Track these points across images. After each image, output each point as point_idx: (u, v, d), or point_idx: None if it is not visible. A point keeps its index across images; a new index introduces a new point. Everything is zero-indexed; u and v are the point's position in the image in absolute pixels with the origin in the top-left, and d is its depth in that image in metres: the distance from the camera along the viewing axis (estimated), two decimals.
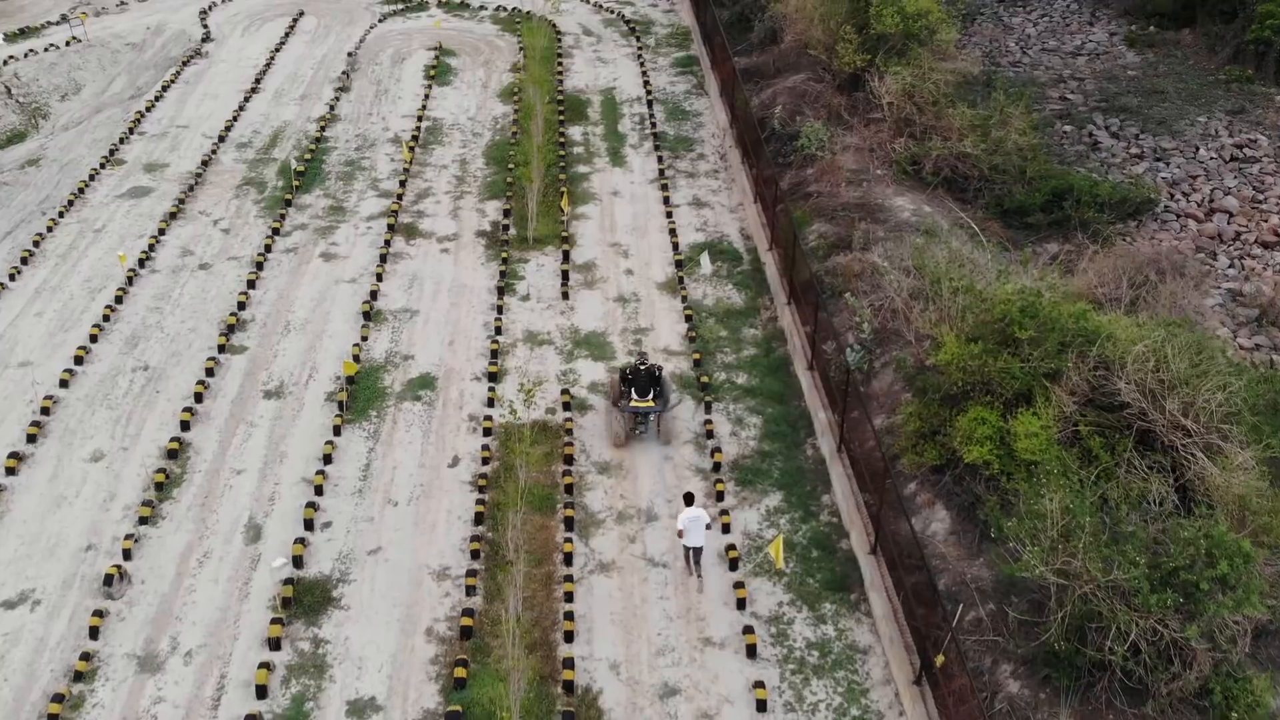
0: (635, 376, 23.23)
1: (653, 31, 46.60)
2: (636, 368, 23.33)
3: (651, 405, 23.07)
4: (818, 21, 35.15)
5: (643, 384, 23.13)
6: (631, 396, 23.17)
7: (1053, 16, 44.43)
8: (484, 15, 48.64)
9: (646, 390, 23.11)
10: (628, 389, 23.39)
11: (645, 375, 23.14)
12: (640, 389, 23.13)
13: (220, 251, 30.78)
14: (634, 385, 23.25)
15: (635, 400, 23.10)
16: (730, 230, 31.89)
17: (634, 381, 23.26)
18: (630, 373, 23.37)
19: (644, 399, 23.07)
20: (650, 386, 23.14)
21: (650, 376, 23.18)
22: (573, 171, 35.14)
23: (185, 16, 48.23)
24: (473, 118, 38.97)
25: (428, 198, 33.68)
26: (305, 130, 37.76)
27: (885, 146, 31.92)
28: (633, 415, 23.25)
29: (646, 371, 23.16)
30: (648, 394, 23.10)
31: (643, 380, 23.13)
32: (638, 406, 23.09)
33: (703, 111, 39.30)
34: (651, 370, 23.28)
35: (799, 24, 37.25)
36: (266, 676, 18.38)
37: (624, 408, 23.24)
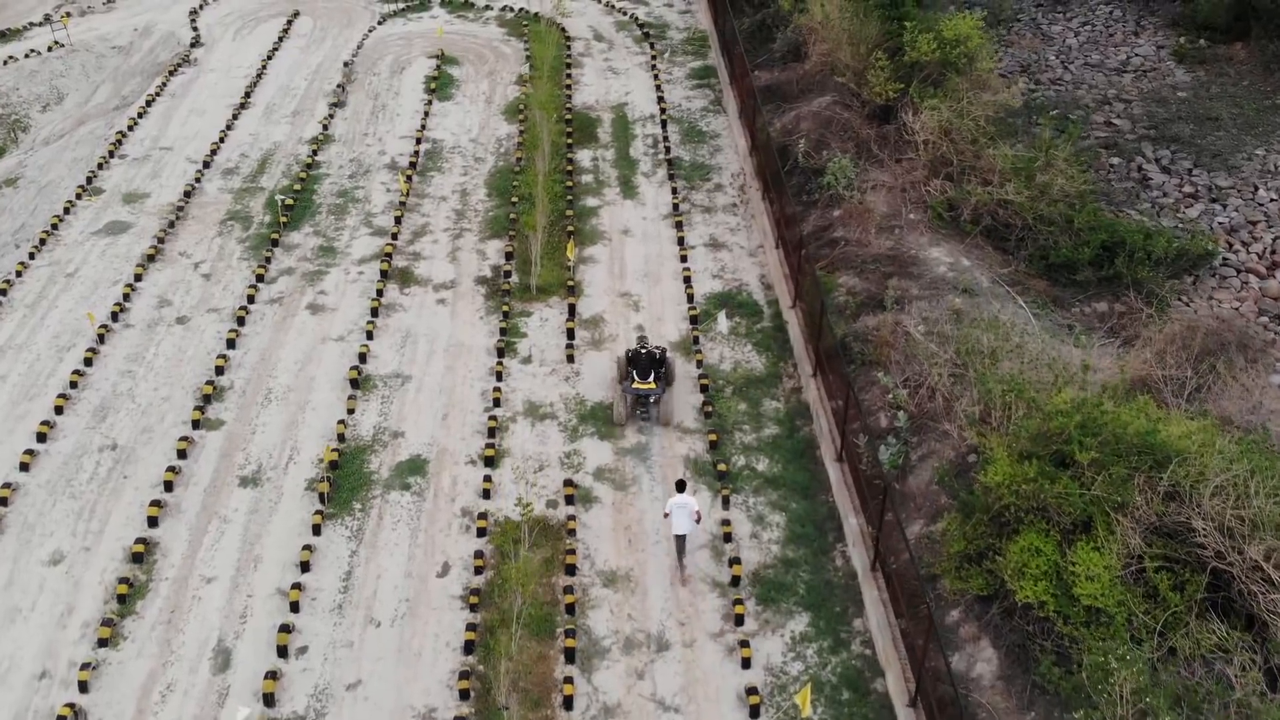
0: (638, 359, 23.97)
1: (667, 36, 43.91)
2: (639, 351, 24.09)
3: (653, 388, 23.78)
4: (846, 43, 32.45)
5: (645, 366, 23.87)
6: (634, 378, 23.80)
7: (1095, 25, 41.57)
8: (489, 17, 45.96)
9: (649, 373, 23.83)
10: (631, 370, 24.01)
11: (647, 358, 23.96)
12: (643, 371, 23.82)
13: (200, 301, 28.51)
14: (637, 367, 23.90)
15: (638, 382, 23.78)
16: (750, 278, 29.46)
17: (637, 363, 23.94)
18: (634, 355, 24.09)
19: (646, 381, 23.79)
20: (652, 369, 23.88)
21: (652, 359, 23.97)
22: (580, 205, 32.71)
23: (175, 16, 45.71)
24: (475, 139, 36.49)
25: (425, 236, 31.30)
26: (296, 154, 35.35)
27: (919, 187, 29.35)
28: (635, 396, 23.84)
29: (649, 355, 23.97)
30: (649, 376, 23.79)
31: (645, 363, 23.89)
32: (640, 389, 23.79)
33: (720, 133, 36.74)
34: (654, 354, 24.05)
35: (825, 41, 34.56)
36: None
37: (627, 389, 23.91)
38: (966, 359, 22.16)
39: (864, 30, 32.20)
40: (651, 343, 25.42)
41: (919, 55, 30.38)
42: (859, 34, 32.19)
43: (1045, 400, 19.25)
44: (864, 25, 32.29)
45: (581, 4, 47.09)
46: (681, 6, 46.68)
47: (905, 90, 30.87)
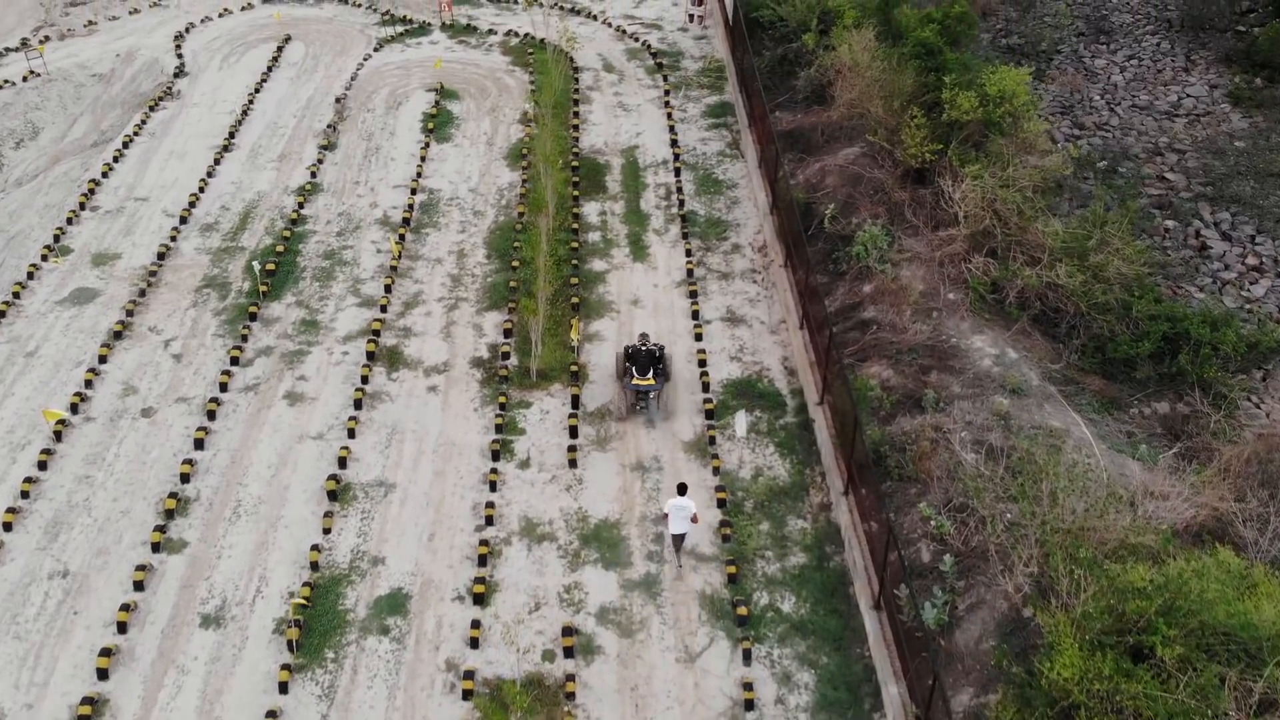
0: (637, 356, 24.65)
1: (681, 67, 41.06)
2: (639, 348, 24.74)
3: (652, 384, 24.43)
4: (877, 96, 29.60)
5: (644, 363, 24.53)
6: (633, 374, 24.48)
7: (1142, 59, 38.61)
8: (492, 43, 43.16)
9: (647, 369, 24.48)
10: (630, 366, 24.66)
11: (646, 355, 24.66)
12: (641, 367, 24.48)
13: (168, 389, 25.95)
14: (636, 364, 24.62)
15: (637, 378, 24.43)
16: (771, 361, 26.77)
17: (636, 360, 24.64)
18: (633, 351, 24.81)
19: (645, 377, 24.43)
20: (650, 365, 24.54)
21: (651, 356, 24.67)
22: (587, 269, 30.04)
23: (159, 40, 43.04)
24: (474, 188, 33.80)
25: (417, 307, 28.67)
26: (281, 206, 32.72)
27: (959, 263, 26.59)
28: (635, 392, 24.53)
29: (648, 352, 24.67)
30: (648, 372, 24.44)
31: (644, 360, 24.55)
32: (639, 384, 24.43)
33: (738, 182, 33.97)
34: (653, 351, 24.78)
35: (853, 87, 31.73)
36: None
37: (626, 385, 24.55)
38: (1019, 495, 19.47)
39: (897, 82, 29.38)
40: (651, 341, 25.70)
41: (959, 115, 27.54)
42: (892, 86, 29.35)
43: (1116, 572, 16.55)
44: (897, 76, 29.46)
45: (590, 29, 44.27)
46: (697, 32, 43.83)
47: (944, 150, 28.04)
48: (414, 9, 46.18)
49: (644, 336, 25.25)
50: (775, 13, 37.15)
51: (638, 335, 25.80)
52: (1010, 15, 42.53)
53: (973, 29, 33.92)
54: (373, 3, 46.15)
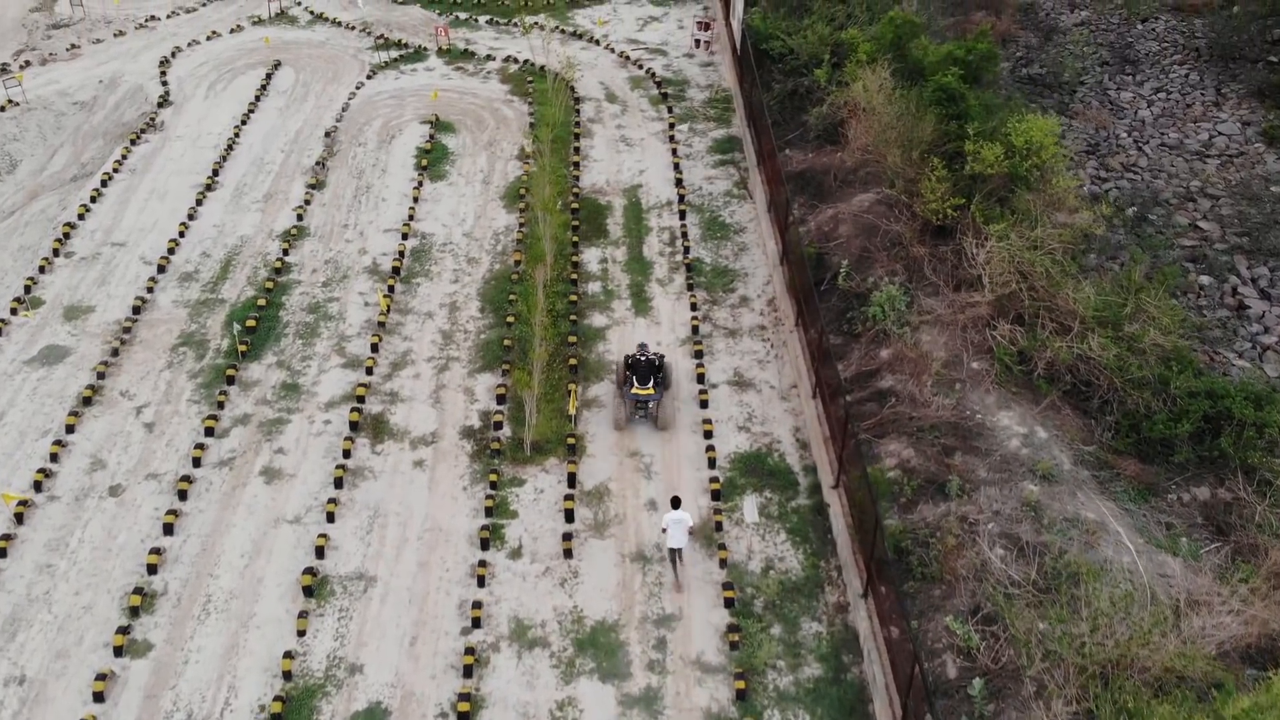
0: (637, 365, 24.81)
1: (687, 97, 39.29)
2: (639, 358, 24.85)
3: (651, 393, 24.68)
4: (894, 143, 27.82)
5: (644, 372, 24.73)
6: (633, 383, 24.69)
7: (1170, 92, 36.78)
8: (490, 70, 41.40)
9: (647, 378, 24.70)
10: (631, 375, 24.87)
11: (646, 364, 24.81)
12: (641, 377, 24.69)
13: (139, 463, 24.28)
14: (636, 373, 24.79)
15: (637, 388, 24.63)
16: (782, 432, 25.05)
17: (636, 369, 24.82)
18: (633, 361, 24.94)
19: (645, 387, 24.66)
20: (650, 374, 24.74)
21: (651, 366, 24.83)
22: (586, 324, 28.34)
23: (144, 66, 41.35)
24: (469, 233, 32.08)
25: (405, 368, 26.97)
26: (265, 252, 31.03)
27: (983, 329, 24.83)
28: (634, 401, 24.70)
29: (648, 361, 24.83)
30: (648, 382, 24.68)
31: (644, 369, 24.75)
32: (639, 394, 24.64)
33: (746, 226, 32.23)
34: (653, 361, 24.90)
35: (868, 130, 29.96)
36: None
37: (626, 394, 24.75)
38: (1055, 620, 17.74)
39: (916, 130, 27.56)
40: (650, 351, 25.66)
41: (982, 168, 25.76)
42: (910, 134, 27.54)
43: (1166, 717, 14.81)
44: (916, 123, 27.65)
45: (592, 55, 42.50)
46: (703, 58, 42.05)
47: (966, 205, 26.28)
48: (409, 32, 44.46)
49: (643, 346, 25.27)
50: (785, 45, 35.34)
51: (636, 345, 26.06)
52: (1031, 42, 40.74)
53: (994, 65, 32.12)
54: (367, 26, 44.36)
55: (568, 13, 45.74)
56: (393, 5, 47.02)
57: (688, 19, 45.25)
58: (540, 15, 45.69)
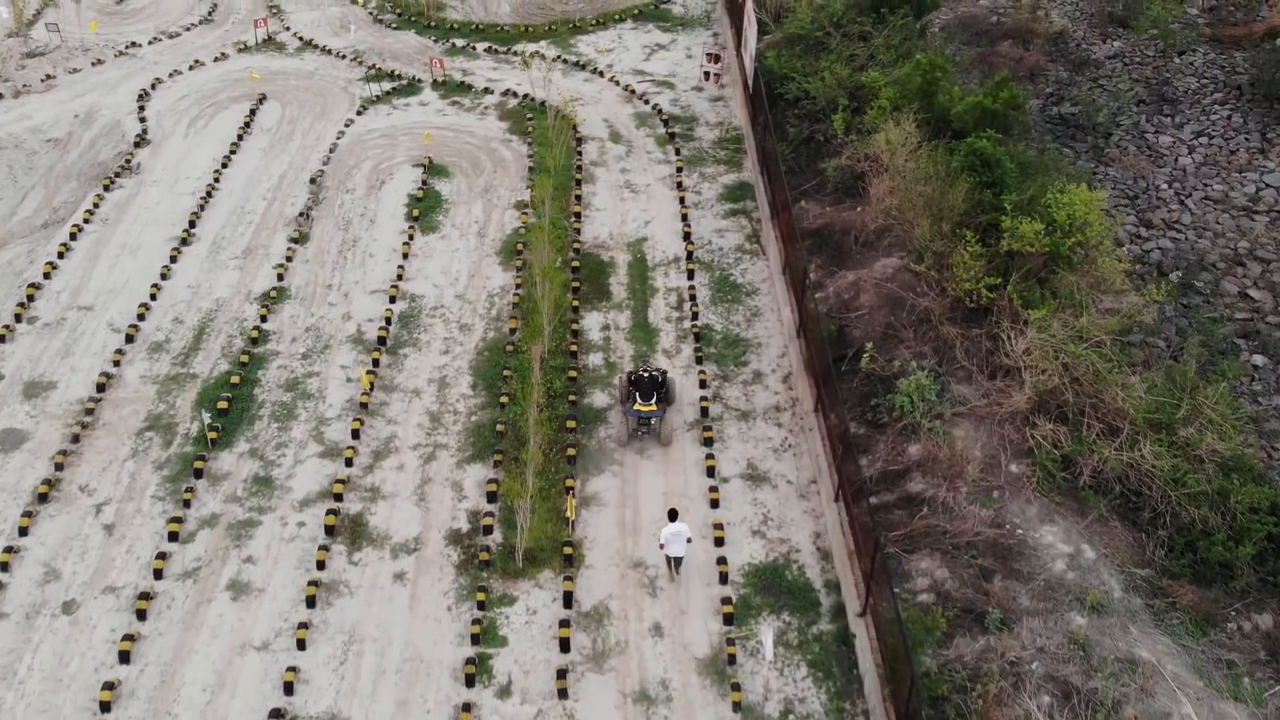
0: (640, 382, 24.83)
1: (696, 136, 36.94)
2: (641, 374, 24.91)
3: (654, 409, 24.59)
4: (922, 209, 25.49)
5: (646, 388, 24.70)
6: (636, 399, 24.58)
7: (1212, 136, 34.35)
8: (488, 105, 39.06)
9: (650, 394, 24.65)
10: (634, 391, 24.73)
11: (650, 381, 24.86)
12: (644, 393, 24.61)
13: (95, 573, 22.16)
14: (639, 389, 24.71)
15: (639, 404, 24.55)
16: (800, 538, 22.82)
17: (639, 385, 24.78)
18: (636, 377, 24.94)
19: (647, 403, 24.58)
20: (653, 391, 24.71)
21: (654, 382, 24.90)
22: (586, 403, 26.12)
23: (122, 99, 39.07)
24: (462, 294, 29.83)
25: (388, 457, 24.75)
26: (242, 318, 28.80)
27: (1021, 426, 22.53)
28: (637, 418, 24.59)
29: (650, 378, 24.90)
30: (651, 397, 24.60)
31: (646, 385, 24.76)
32: (641, 410, 24.55)
33: (759, 287, 29.94)
34: (655, 377, 24.98)
35: (892, 191, 27.63)
36: None
37: (629, 411, 24.63)
38: None
39: (947, 197, 25.21)
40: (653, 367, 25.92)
41: (1021, 245, 23.42)
42: (939, 201, 25.20)
43: None
44: (947, 190, 25.29)
45: (596, 88, 40.13)
46: (713, 92, 39.67)
47: (1003, 283, 23.96)
48: (403, 61, 42.12)
49: (646, 361, 26.15)
50: (801, 88, 32.95)
51: (641, 363, 26.61)
52: (1061, 76, 38.30)
53: (1023, 115, 29.75)
54: (358, 55, 42.00)
55: (570, 40, 43.38)
56: (386, 31, 44.69)
57: (696, 47, 42.88)
58: (541, 42, 43.29)
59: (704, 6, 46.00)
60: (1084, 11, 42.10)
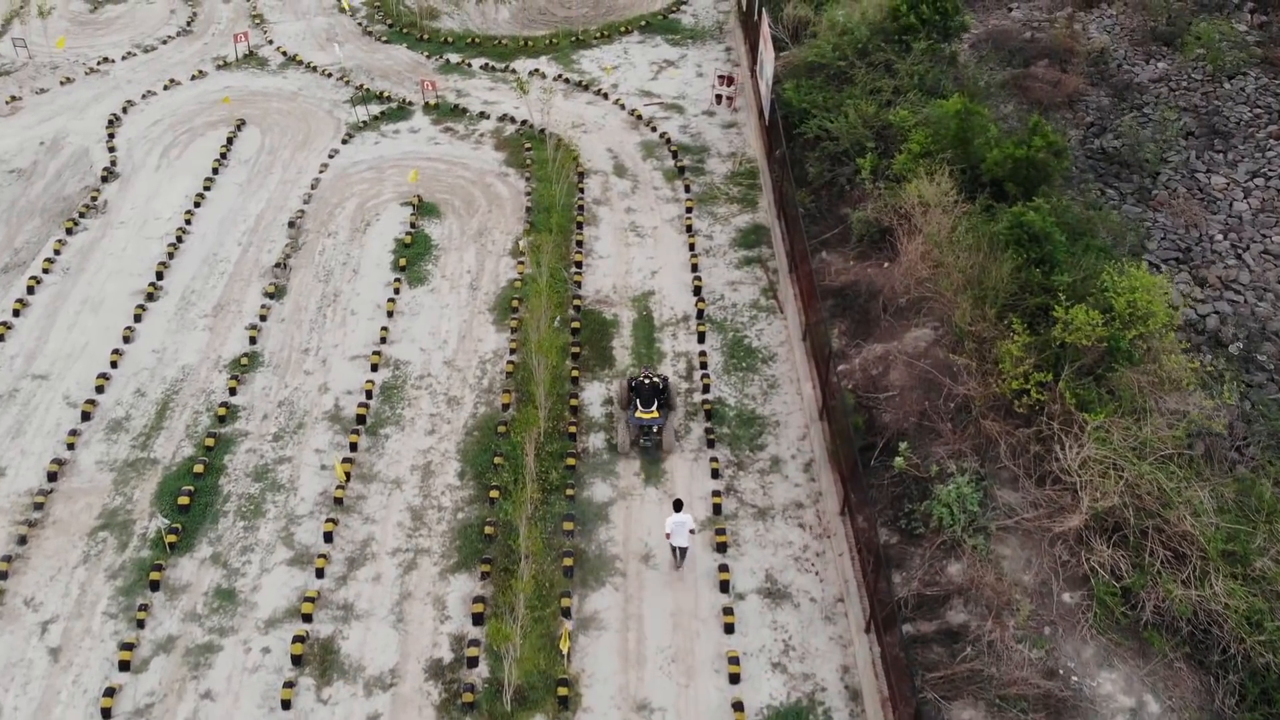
0: (641, 388, 23.85)
1: (706, 168, 34.15)
2: (642, 381, 23.96)
3: (655, 417, 23.80)
4: (959, 282, 22.76)
5: (647, 395, 23.78)
6: (637, 407, 23.75)
7: (1269, 176, 31.54)
8: (484, 132, 36.28)
9: (651, 401, 23.75)
10: (634, 398, 23.83)
11: (650, 387, 23.88)
12: (645, 400, 23.74)
13: (39, 709, 19.69)
14: (640, 396, 23.81)
15: (640, 411, 23.75)
16: (826, 672, 20.28)
17: (640, 392, 23.85)
18: (636, 384, 23.97)
19: (648, 410, 23.77)
20: (654, 397, 23.78)
21: (655, 389, 23.88)
22: (585, 497, 23.63)
23: (91, 124, 36.39)
24: (450, 360, 27.22)
25: (364, 565, 22.27)
26: (209, 390, 26.26)
27: (1075, 545, 19.88)
28: (638, 427, 23.75)
29: (652, 384, 23.89)
30: (652, 404, 23.75)
31: (647, 392, 23.81)
32: (642, 418, 23.79)
33: (777, 352, 27.30)
34: (656, 384, 23.96)
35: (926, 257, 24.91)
36: None
37: (630, 419, 23.85)
38: None
39: (990, 274, 22.47)
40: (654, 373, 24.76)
41: (1075, 338, 20.69)
42: (983, 280, 22.46)
43: None
44: (990, 266, 22.56)
45: (599, 111, 37.30)
46: (725, 116, 36.82)
47: (1054, 378, 21.26)
48: (393, 80, 39.26)
49: (647, 368, 24.93)
50: (822, 125, 30.11)
51: (641, 368, 25.64)
52: (1102, 103, 35.39)
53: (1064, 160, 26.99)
54: (345, 74, 39.12)
55: (572, 55, 40.45)
56: (376, 45, 41.79)
57: (708, 63, 39.96)
58: (542, 58, 40.39)
59: (716, 17, 42.98)
60: (1124, 27, 39.12)
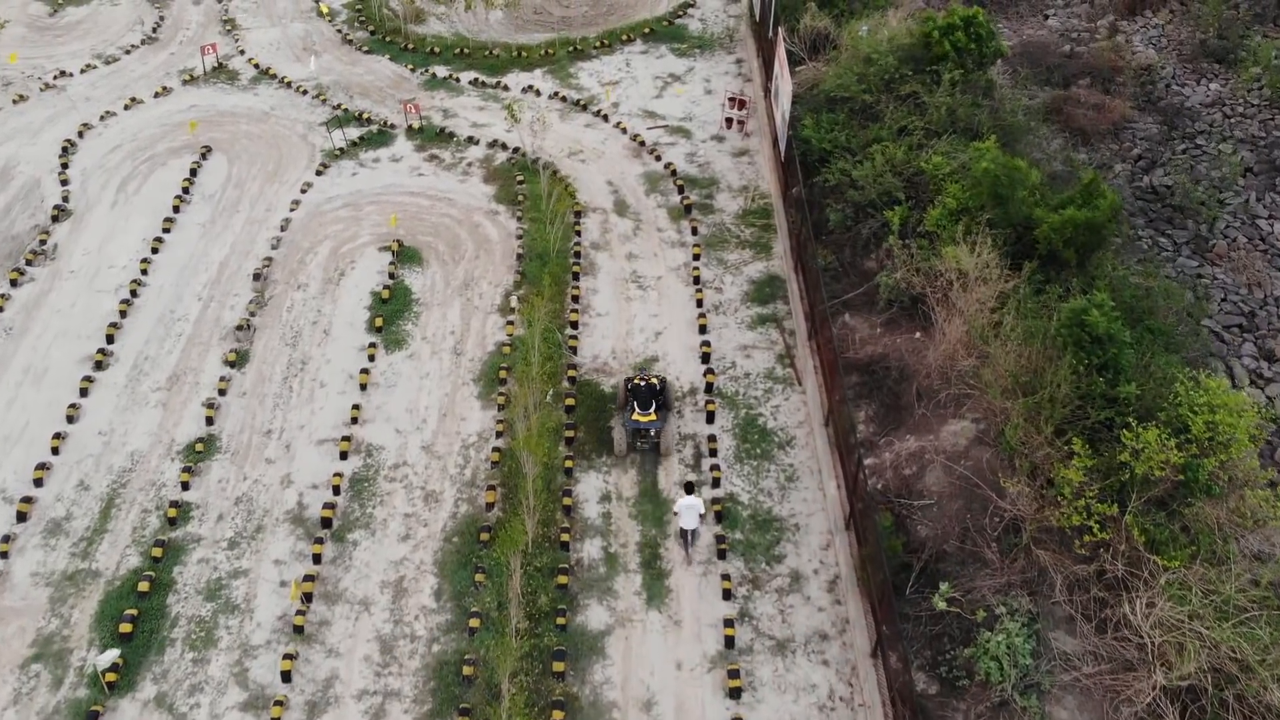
0: (638, 390, 23.21)
1: (716, 205, 31.10)
2: (639, 383, 23.34)
3: (653, 420, 23.18)
4: (1011, 392, 19.71)
5: (645, 397, 23.17)
6: (634, 409, 23.17)
7: None
8: (472, 160, 33.19)
9: (649, 403, 23.14)
10: (631, 400, 23.28)
11: (647, 390, 23.25)
12: (643, 402, 23.13)
13: None
14: (637, 398, 23.20)
15: (637, 414, 23.17)
16: None
17: (637, 394, 23.22)
18: (633, 386, 23.33)
19: (646, 413, 23.17)
20: (652, 399, 23.16)
21: (652, 391, 23.26)
22: (578, 622, 20.83)
23: (44, 150, 33.44)
24: (429, 444, 24.35)
25: (325, 713, 19.45)
26: (159, 483, 23.49)
27: (1143, 714, 17.00)
28: (635, 429, 23.12)
29: (649, 386, 23.26)
30: (650, 407, 23.14)
31: (644, 394, 23.20)
32: (639, 421, 23.17)
33: (795, 435, 24.39)
34: (653, 385, 23.33)
35: (967, 345, 21.81)
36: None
37: (626, 421, 23.22)
38: None
39: (1045, 379, 19.39)
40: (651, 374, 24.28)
41: (1147, 467, 17.67)
42: (1034, 383, 19.40)
43: None
44: (1044, 368, 19.48)
45: (599, 135, 34.13)
46: (735, 141, 33.70)
47: (1120, 511, 18.29)
48: (374, 98, 36.03)
49: (644, 371, 24.23)
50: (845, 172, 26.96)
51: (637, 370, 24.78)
52: (1150, 131, 32.14)
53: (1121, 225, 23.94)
54: (321, 91, 35.84)
55: (569, 68, 37.14)
56: (356, 55, 38.47)
57: (716, 77, 36.67)
58: (536, 71, 37.11)
59: (726, 22, 39.60)
60: (1171, 39, 35.74)
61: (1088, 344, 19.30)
